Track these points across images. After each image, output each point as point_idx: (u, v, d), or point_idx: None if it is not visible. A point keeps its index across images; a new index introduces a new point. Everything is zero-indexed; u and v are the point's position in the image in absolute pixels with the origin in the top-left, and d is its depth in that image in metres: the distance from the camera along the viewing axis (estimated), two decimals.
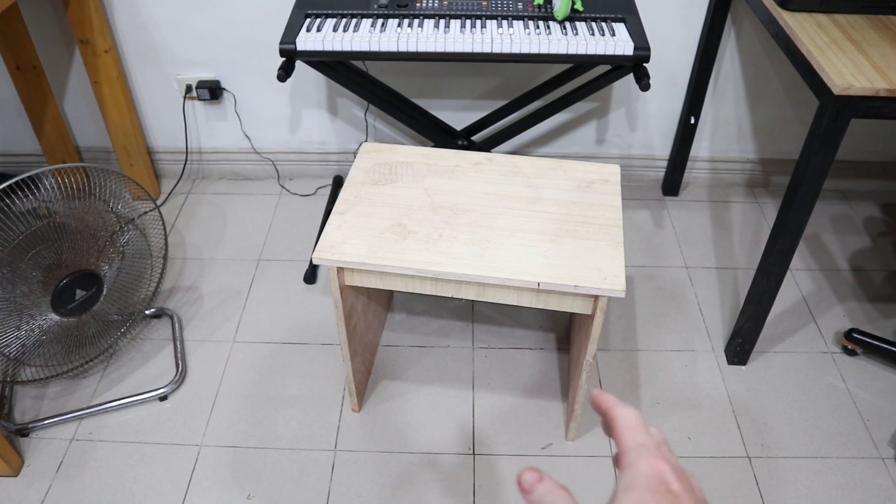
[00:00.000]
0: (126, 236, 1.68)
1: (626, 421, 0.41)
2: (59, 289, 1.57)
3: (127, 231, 1.68)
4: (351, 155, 2.39)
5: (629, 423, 0.41)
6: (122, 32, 2.10)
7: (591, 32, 1.62)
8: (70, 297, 1.60)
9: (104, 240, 1.63)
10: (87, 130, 2.36)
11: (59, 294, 1.58)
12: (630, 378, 1.79)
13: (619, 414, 0.42)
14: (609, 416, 0.43)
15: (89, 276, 1.63)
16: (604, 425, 0.46)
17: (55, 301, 1.58)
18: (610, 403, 0.43)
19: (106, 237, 1.63)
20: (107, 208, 1.64)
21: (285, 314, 1.95)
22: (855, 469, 1.59)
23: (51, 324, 1.60)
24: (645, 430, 0.41)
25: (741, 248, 2.19)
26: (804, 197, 1.46)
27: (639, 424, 0.41)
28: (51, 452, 1.62)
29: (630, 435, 0.41)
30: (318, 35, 1.60)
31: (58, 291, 1.57)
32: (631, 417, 0.41)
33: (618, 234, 1.38)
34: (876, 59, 1.38)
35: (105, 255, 1.65)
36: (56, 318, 1.60)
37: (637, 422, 0.41)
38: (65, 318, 1.62)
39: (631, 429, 0.41)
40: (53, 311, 1.59)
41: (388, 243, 1.36)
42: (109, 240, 1.64)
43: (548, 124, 2.31)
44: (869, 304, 1.99)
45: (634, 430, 0.41)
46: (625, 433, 0.41)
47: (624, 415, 0.42)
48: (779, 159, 2.37)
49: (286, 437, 1.65)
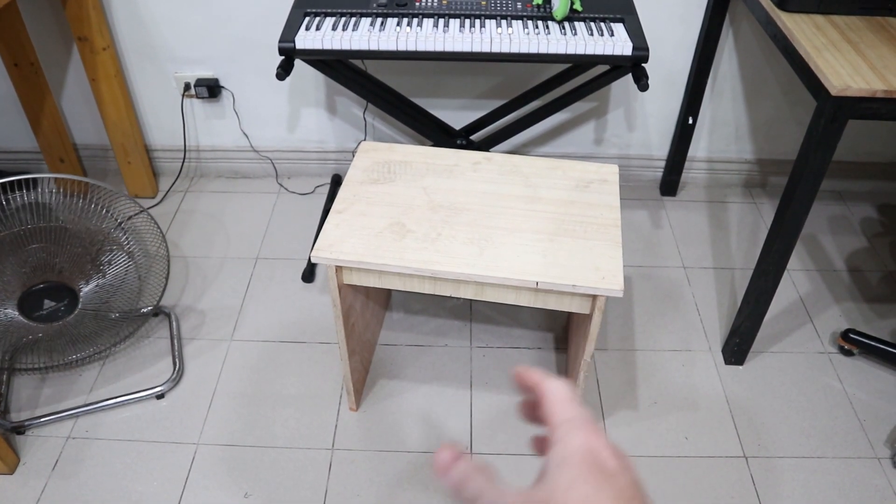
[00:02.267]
0: (109, 255, 1.64)
1: (558, 394, 0.39)
2: (30, 293, 1.55)
3: (111, 250, 1.64)
4: (349, 154, 2.38)
5: (561, 396, 0.39)
6: (120, 30, 2.10)
7: (589, 32, 1.62)
8: (38, 305, 1.57)
9: (86, 256, 1.60)
10: (84, 128, 2.36)
11: (27, 297, 1.55)
12: (627, 378, 1.79)
13: (551, 387, 0.39)
14: (539, 390, 0.40)
15: (64, 289, 1.59)
16: (524, 409, 0.43)
17: (23, 303, 1.55)
18: (539, 377, 0.41)
19: (89, 254, 1.60)
20: (97, 225, 1.62)
21: (283, 313, 1.95)
22: (851, 469, 1.60)
23: (12, 320, 1.58)
24: (578, 403, 0.39)
25: (739, 248, 2.19)
26: (801, 197, 1.46)
27: (571, 397, 0.39)
28: (47, 450, 1.62)
29: (562, 408, 0.38)
30: (318, 34, 1.60)
31: (27, 295, 1.54)
32: (563, 390, 0.39)
33: (616, 233, 1.38)
34: (873, 60, 1.38)
35: (84, 271, 1.61)
36: (21, 320, 1.58)
37: (570, 394, 0.39)
38: (30, 322, 1.59)
39: (563, 402, 0.38)
40: (20, 312, 1.57)
41: (386, 242, 1.36)
42: (92, 258, 1.61)
43: (546, 124, 2.31)
44: (865, 305, 2.00)
45: (567, 404, 0.38)
46: (556, 407, 0.38)
47: (555, 387, 0.39)
48: (776, 160, 2.38)
49: (283, 435, 1.65)
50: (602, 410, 1.71)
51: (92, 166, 2.45)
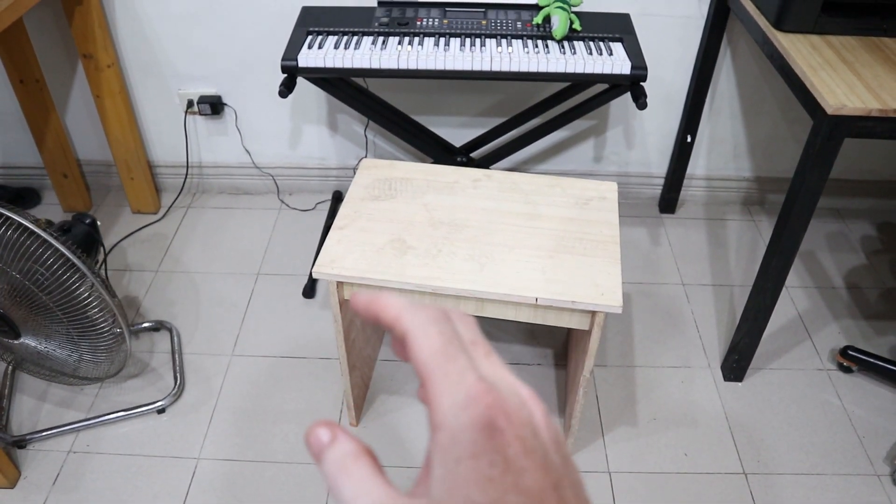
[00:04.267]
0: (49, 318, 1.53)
1: (428, 344, 0.29)
2: None
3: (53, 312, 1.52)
4: (350, 170, 2.40)
5: (433, 346, 0.28)
6: (124, 47, 2.13)
7: (588, 52, 1.64)
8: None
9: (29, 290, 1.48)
10: (88, 144, 2.37)
11: None
12: (627, 394, 1.79)
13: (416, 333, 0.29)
14: (398, 331, 0.30)
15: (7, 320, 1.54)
16: (397, 346, 0.32)
17: None
18: (394, 312, 0.30)
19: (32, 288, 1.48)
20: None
21: (284, 328, 1.95)
22: (851, 486, 1.60)
23: None
24: (461, 347, 0.28)
25: (737, 265, 2.20)
26: (799, 215, 1.47)
27: (450, 339, 0.29)
28: (48, 464, 1.62)
29: (439, 364, 0.28)
30: (320, 52, 1.63)
31: None
32: (434, 335, 0.29)
33: (615, 250, 1.39)
34: (868, 79, 1.40)
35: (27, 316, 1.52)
36: None
37: (445, 336, 0.29)
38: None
39: (438, 353, 0.28)
40: None
41: (387, 258, 1.37)
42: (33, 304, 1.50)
43: (546, 141, 2.33)
44: (864, 322, 2.00)
45: (445, 356, 0.28)
46: (430, 364, 0.28)
47: (423, 333, 0.29)
48: (774, 177, 2.39)
49: (284, 451, 1.65)
50: (601, 426, 1.71)
51: (95, 182, 2.46)
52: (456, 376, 0.27)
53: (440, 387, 0.27)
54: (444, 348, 0.28)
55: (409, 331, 0.29)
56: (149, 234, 2.27)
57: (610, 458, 1.65)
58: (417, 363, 0.29)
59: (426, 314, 0.30)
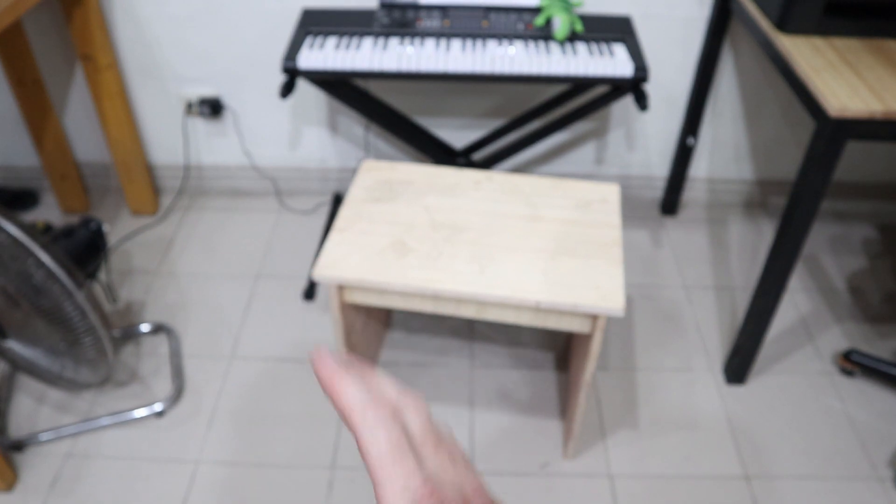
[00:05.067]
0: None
1: (365, 420, 0.30)
2: None
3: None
4: (351, 172, 2.39)
5: (370, 421, 0.30)
6: (124, 48, 2.12)
7: (590, 53, 1.63)
8: None
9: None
10: (87, 145, 2.37)
11: None
12: (628, 397, 1.78)
13: (344, 396, 0.31)
14: (339, 410, 0.31)
15: None
16: None
17: None
18: (336, 387, 0.31)
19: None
20: None
21: (283, 331, 1.94)
22: (853, 490, 1.59)
23: None
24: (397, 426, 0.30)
25: (739, 267, 2.19)
26: (801, 217, 1.47)
27: (386, 418, 0.30)
28: (45, 468, 1.61)
29: (376, 449, 0.29)
30: (321, 53, 1.62)
31: None
32: (369, 416, 0.30)
33: (617, 253, 1.39)
34: (871, 82, 1.39)
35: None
36: None
37: (385, 416, 0.30)
38: None
39: (376, 440, 0.29)
40: None
41: (388, 261, 1.36)
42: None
43: (547, 143, 2.32)
44: (866, 325, 2.00)
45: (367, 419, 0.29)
46: (370, 447, 0.30)
47: (350, 403, 0.30)
48: (776, 180, 2.39)
49: (283, 454, 1.64)
50: (603, 430, 1.71)
51: (94, 183, 2.45)
52: (402, 481, 0.29)
53: (387, 491, 0.29)
54: (390, 452, 0.29)
55: (359, 432, 0.30)
56: (147, 236, 2.26)
57: (611, 461, 1.64)
58: (367, 465, 0.30)
59: (375, 416, 0.30)
